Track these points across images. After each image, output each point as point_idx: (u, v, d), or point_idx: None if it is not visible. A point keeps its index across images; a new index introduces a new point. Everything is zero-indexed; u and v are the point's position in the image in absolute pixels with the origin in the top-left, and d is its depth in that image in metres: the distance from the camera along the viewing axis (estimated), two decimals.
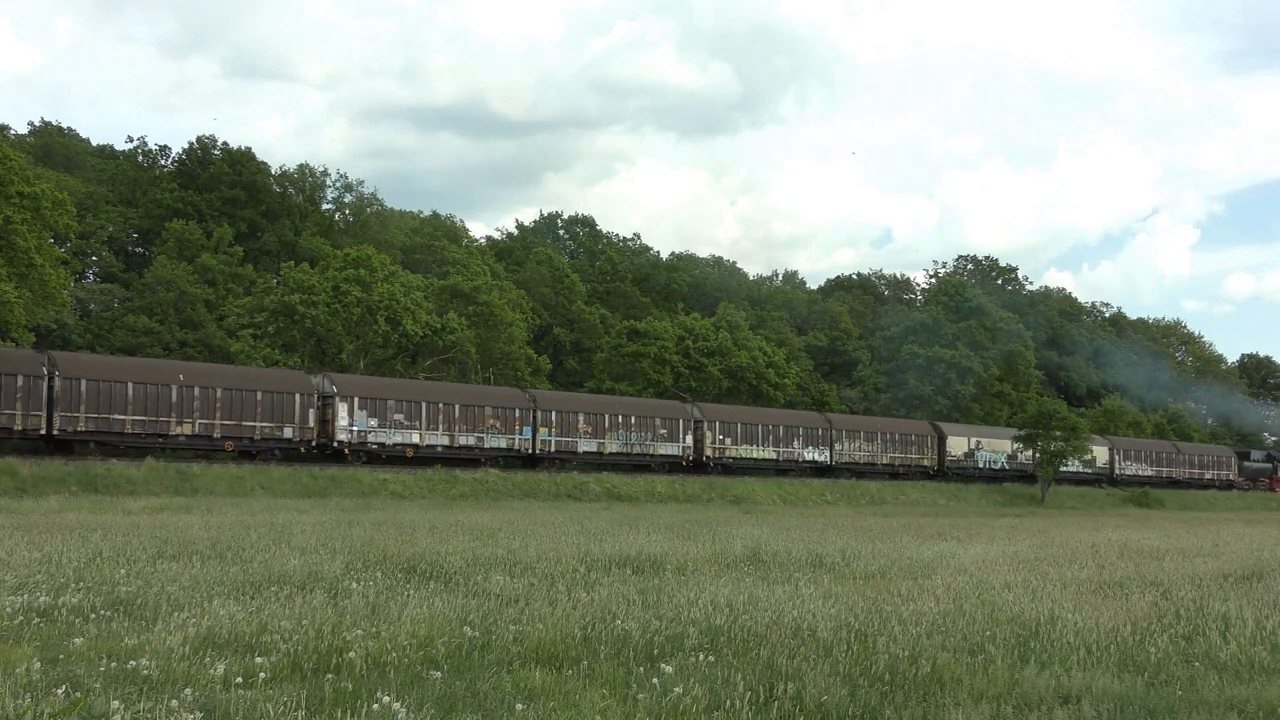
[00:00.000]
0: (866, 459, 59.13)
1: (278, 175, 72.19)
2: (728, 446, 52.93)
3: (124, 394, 37.37)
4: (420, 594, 10.90)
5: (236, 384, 40.28)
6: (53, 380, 36.15)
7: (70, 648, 7.94)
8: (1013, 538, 24.39)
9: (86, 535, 16.41)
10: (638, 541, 18.12)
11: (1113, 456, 71.74)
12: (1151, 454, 75.63)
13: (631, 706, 6.85)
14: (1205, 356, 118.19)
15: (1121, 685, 7.93)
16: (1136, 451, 74.71)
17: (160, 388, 38.31)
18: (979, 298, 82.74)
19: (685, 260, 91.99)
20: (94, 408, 36.75)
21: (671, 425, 51.06)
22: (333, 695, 6.73)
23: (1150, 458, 75.13)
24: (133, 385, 37.62)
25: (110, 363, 40.67)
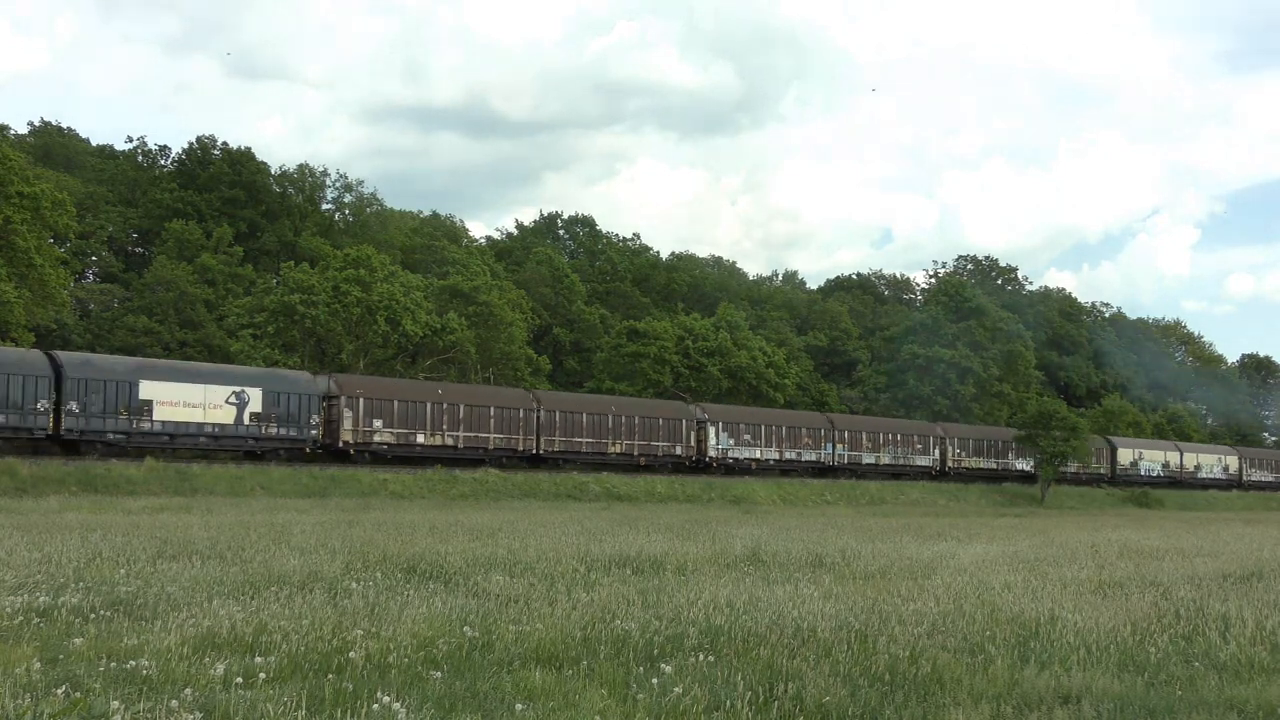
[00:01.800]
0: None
1: (278, 175, 72.21)
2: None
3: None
4: (420, 594, 10.90)
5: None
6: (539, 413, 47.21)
7: (70, 648, 7.93)
8: (1013, 538, 24.40)
9: (86, 535, 16.41)
10: (638, 541, 18.12)
11: (1241, 465, 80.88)
12: (1272, 461, 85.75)
13: (631, 706, 6.85)
14: (1205, 356, 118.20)
15: (1121, 685, 7.93)
16: (1262, 460, 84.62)
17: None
18: (979, 298, 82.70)
19: (685, 260, 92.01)
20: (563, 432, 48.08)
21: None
22: (333, 695, 6.73)
23: (1272, 465, 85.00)
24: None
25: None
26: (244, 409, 39.23)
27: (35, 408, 34.76)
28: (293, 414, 40.26)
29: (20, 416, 34.46)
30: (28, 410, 34.61)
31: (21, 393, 34.47)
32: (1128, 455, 72.05)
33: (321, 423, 41.24)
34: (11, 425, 34.38)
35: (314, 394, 41.19)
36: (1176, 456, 76.25)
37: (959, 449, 63.92)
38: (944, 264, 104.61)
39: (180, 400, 37.81)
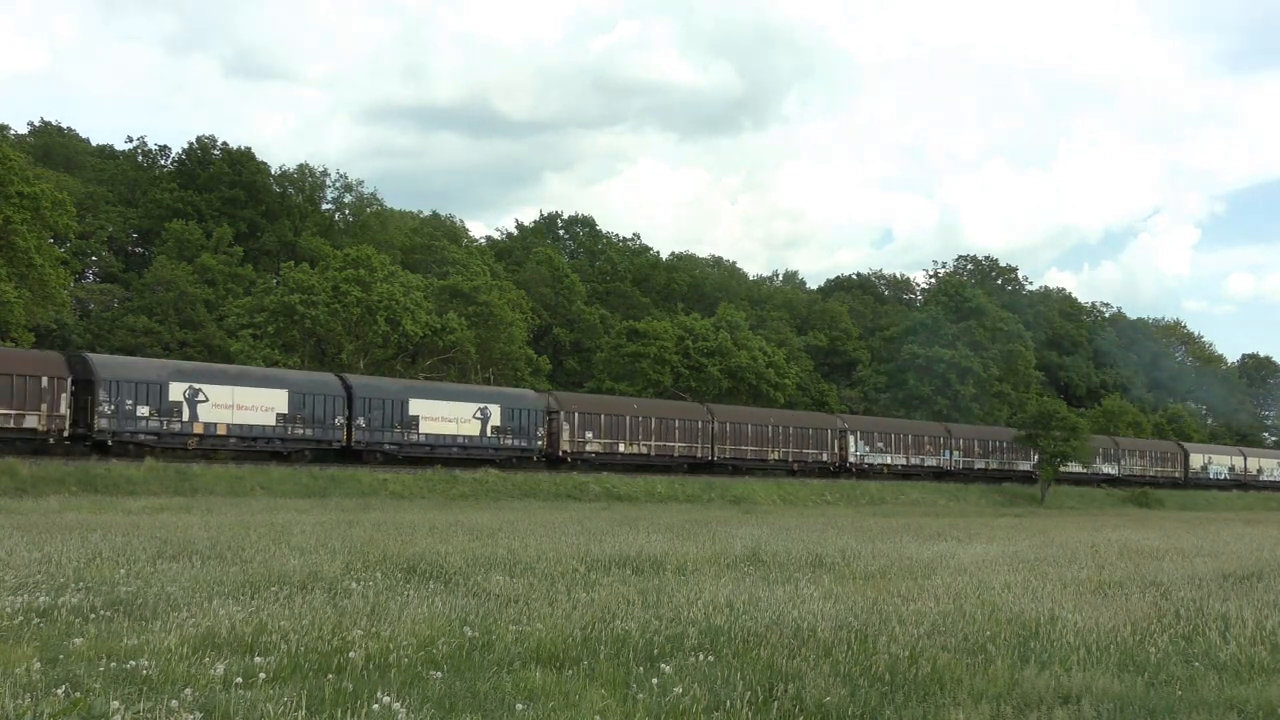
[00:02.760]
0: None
1: (277, 175, 72.21)
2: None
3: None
4: (420, 594, 10.90)
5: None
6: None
7: (70, 648, 7.93)
8: (1013, 538, 24.40)
9: (86, 535, 16.41)
10: (638, 541, 18.12)
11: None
12: None
13: (631, 706, 6.85)
14: (1205, 356, 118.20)
15: (1121, 685, 7.93)
16: None
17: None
18: (979, 298, 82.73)
19: (685, 260, 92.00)
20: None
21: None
22: (333, 695, 6.73)
23: None
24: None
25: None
26: (487, 423, 44.94)
27: (333, 423, 40.93)
28: (524, 427, 45.87)
29: (322, 430, 40.64)
30: (328, 425, 40.75)
31: (324, 410, 40.71)
32: (1199, 460, 77.94)
33: (545, 434, 46.68)
34: (316, 437, 40.52)
35: (539, 410, 46.82)
36: (1241, 461, 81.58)
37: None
38: (944, 264, 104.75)
39: (440, 416, 43.66)
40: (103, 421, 36.19)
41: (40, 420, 34.93)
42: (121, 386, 36.69)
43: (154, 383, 37.46)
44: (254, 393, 39.35)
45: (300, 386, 40.78)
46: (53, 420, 35.21)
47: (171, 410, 37.40)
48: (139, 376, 37.51)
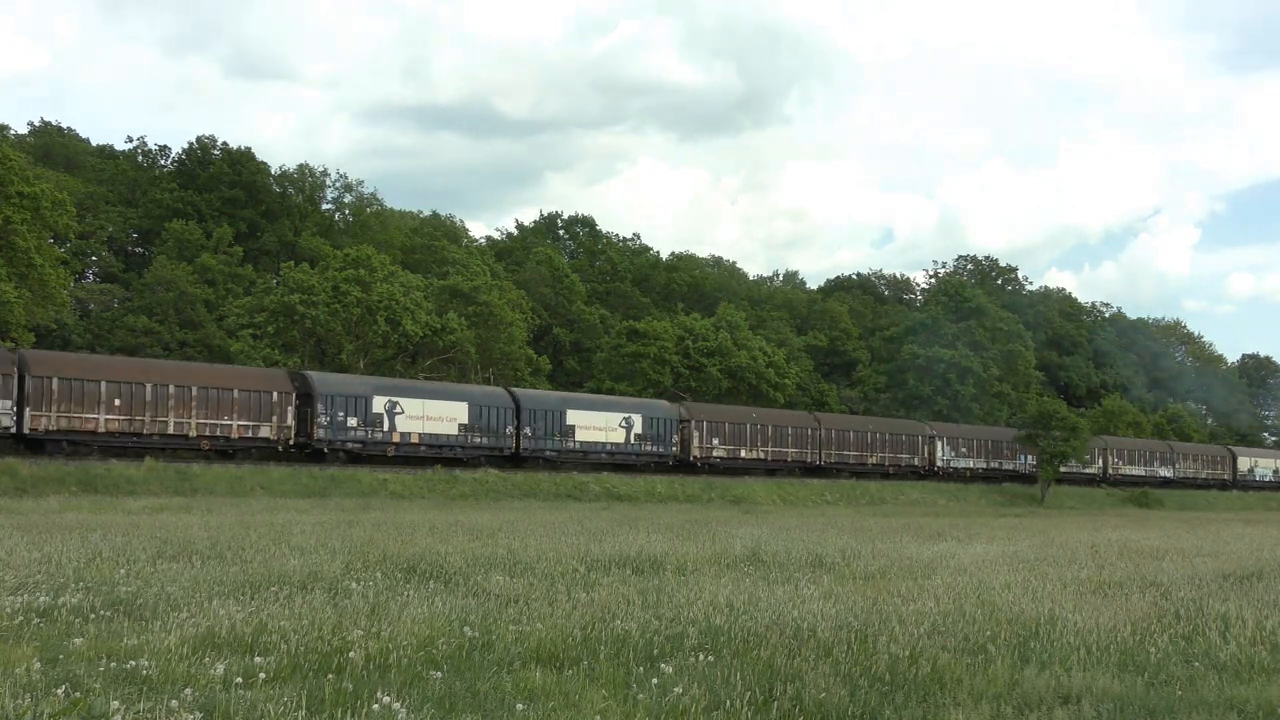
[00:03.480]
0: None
1: (277, 175, 72.21)
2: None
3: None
4: (420, 594, 10.90)
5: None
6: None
7: (70, 648, 7.93)
8: (1013, 538, 24.40)
9: (86, 535, 16.41)
10: (637, 541, 18.12)
11: None
12: None
13: (631, 706, 6.85)
14: (1205, 356, 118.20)
15: (1121, 685, 7.93)
16: None
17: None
18: (979, 298, 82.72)
19: (685, 260, 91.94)
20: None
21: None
22: (333, 695, 6.73)
23: None
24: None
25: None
26: (630, 431, 49.19)
27: (505, 433, 45.31)
28: (661, 435, 50.15)
29: (495, 439, 45.11)
30: (500, 434, 45.18)
31: (497, 421, 45.10)
32: (1246, 463, 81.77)
33: (679, 441, 50.88)
34: (490, 445, 45.03)
35: (673, 419, 51.08)
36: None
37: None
38: (944, 264, 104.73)
39: (592, 425, 47.83)
40: (320, 431, 40.84)
41: (272, 430, 39.84)
42: (335, 400, 41.40)
43: (361, 396, 42.21)
44: (441, 405, 44.03)
45: (478, 400, 45.60)
46: (281, 430, 40.07)
47: (375, 421, 42.09)
48: (349, 391, 42.25)
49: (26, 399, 34.96)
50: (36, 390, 35.19)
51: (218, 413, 38.56)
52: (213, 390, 38.78)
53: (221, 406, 38.70)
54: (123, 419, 36.62)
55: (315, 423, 40.52)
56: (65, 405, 35.71)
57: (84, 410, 35.96)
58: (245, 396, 39.27)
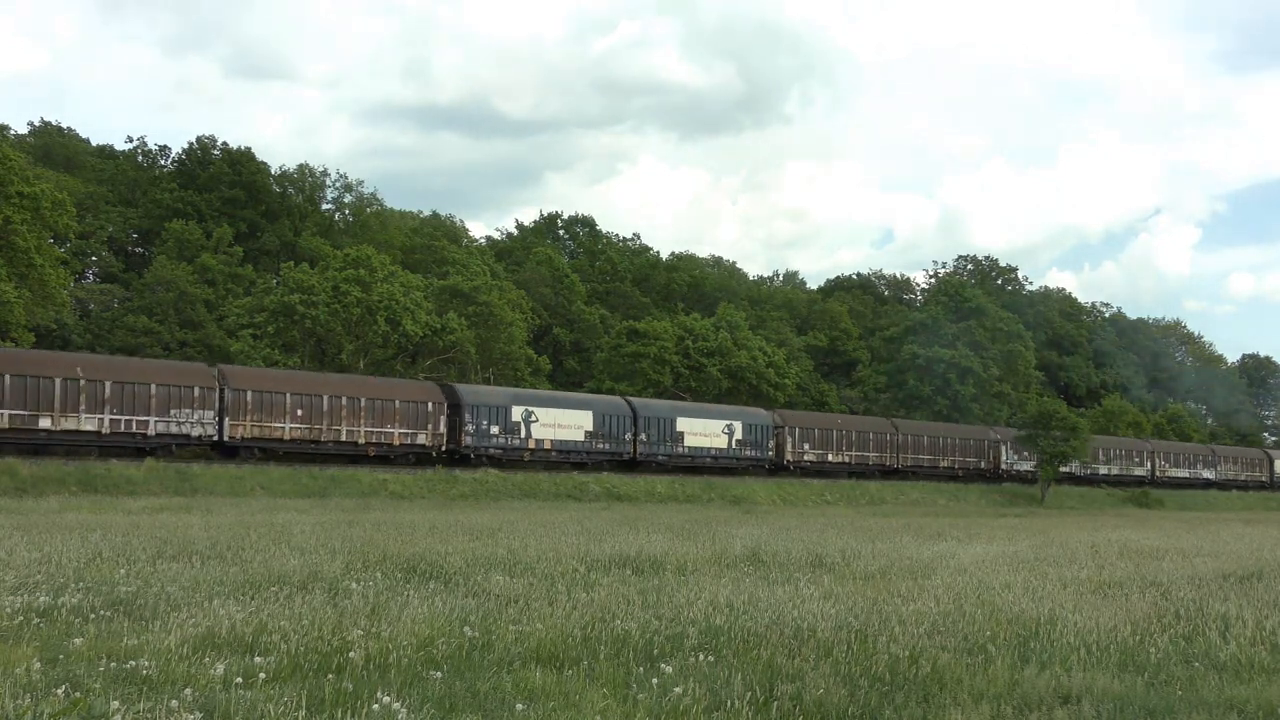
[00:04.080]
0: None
1: (277, 175, 72.20)
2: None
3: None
4: (420, 594, 10.90)
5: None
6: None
7: (70, 648, 7.93)
8: (1013, 538, 24.39)
9: (86, 535, 16.40)
10: (637, 542, 18.11)
11: None
12: None
13: (631, 706, 6.84)
14: (1205, 356, 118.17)
15: (1121, 685, 7.93)
16: None
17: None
18: (979, 298, 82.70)
19: (685, 260, 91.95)
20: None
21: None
22: (333, 695, 6.73)
23: None
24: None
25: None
26: (732, 437, 52.52)
27: (624, 439, 48.97)
28: (759, 440, 53.66)
29: (615, 445, 48.73)
30: (620, 440, 48.82)
31: (618, 428, 48.77)
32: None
33: (774, 446, 54.32)
34: (611, 450, 48.47)
35: (769, 425, 54.65)
36: None
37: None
38: (944, 264, 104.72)
39: (700, 431, 51.44)
40: (468, 439, 44.35)
41: (427, 438, 43.47)
42: (479, 410, 44.92)
43: (501, 407, 45.78)
44: (570, 414, 47.62)
45: (601, 409, 49.15)
46: (435, 438, 43.66)
47: (513, 429, 45.60)
48: (491, 402, 45.84)
49: (226, 410, 38.94)
50: (234, 402, 39.19)
51: (381, 421, 42.60)
52: (378, 401, 42.70)
53: (385, 416, 42.64)
54: (304, 427, 40.65)
55: (463, 431, 44.27)
56: (257, 415, 39.66)
57: (273, 420, 40.01)
58: (405, 407, 43.16)
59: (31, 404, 34.81)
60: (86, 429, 36.02)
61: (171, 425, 37.71)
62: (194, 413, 38.10)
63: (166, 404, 37.63)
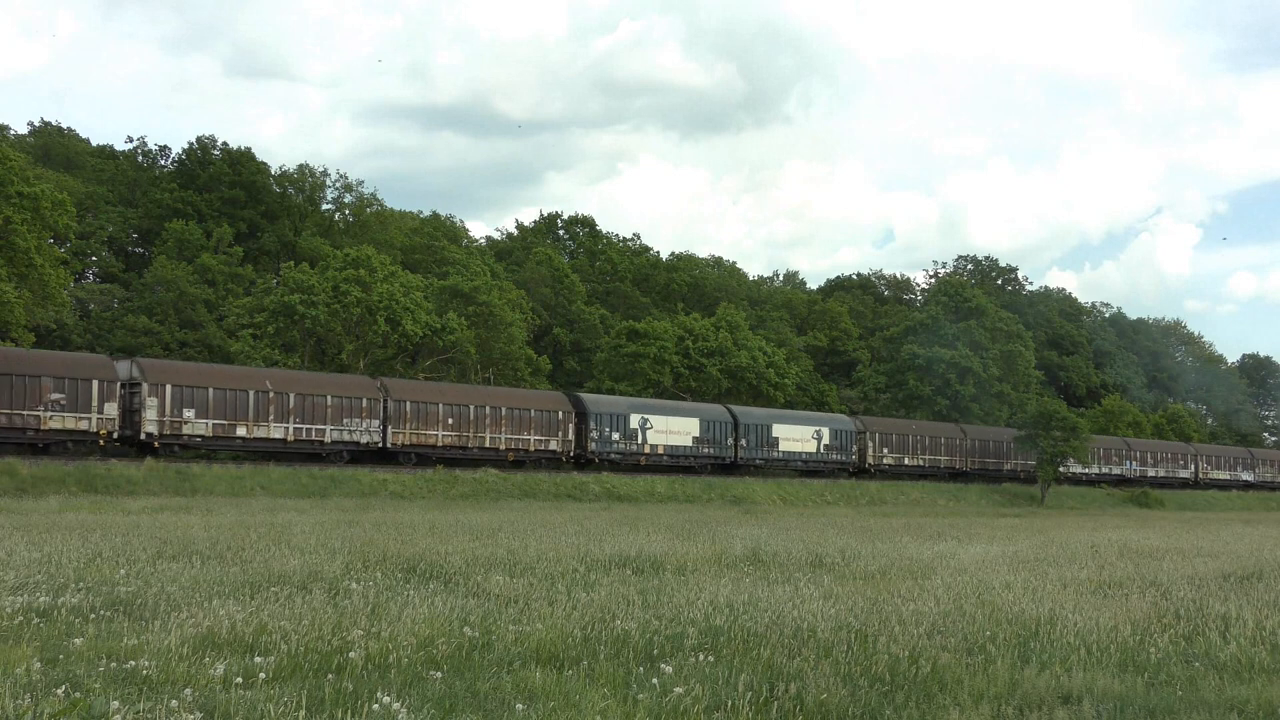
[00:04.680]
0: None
1: (277, 175, 72.21)
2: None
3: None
4: (420, 594, 10.89)
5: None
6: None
7: (70, 648, 7.93)
8: (1013, 538, 24.39)
9: (86, 535, 16.40)
10: (637, 542, 18.11)
11: None
12: None
13: (632, 706, 6.84)
14: (1206, 356, 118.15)
15: (1122, 685, 7.92)
16: None
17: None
18: (979, 298, 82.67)
19: (685, 260, 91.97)
20: None
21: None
22: (333, 695, 6.73)
23: None
24: None
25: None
26: (820, 442, 56.68)
27: (726, 444, 52.69)
28: (843, 445, 57.67)
29: (718, 449, 52.57)
30: (723, 445, 52.65)
31: (720, 434, 52.45)
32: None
33: (856, 450, 58.12)
34: (714, 455, 52.28)
35: (852, 431, 58.49)
36: None
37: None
38: (944, 264, 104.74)
39: (793, 437, 55.40)
40: (592, 445, 48.12)
41: (558, 444, 47.41)
42: (602, 418, 48.85)
43: (621, 415, 49.72)
44: (679, 421, 51.64)
45: (707, 416, 52.93)
46: (565, 444, 47.61)
47: (631, 435, 49.52)
48: (613, 410, 49.83)
49: (389, 419, 42.87)
50: (395, 412, 43.21)
51: (519, 429, 46.70)
52: (516, 411, 46.77)
53: (523, 424, 46.73)
54: (454, 434, 44.75)
55: (589, 437, 48.25)
56: (415, 424, 43.76)
57: (428, 428, 44.08)
58: (539, 416, 47.18)
59: (230, 414, 39.13)
60: (275, 436, 40.45)
61: (344, 433, 42.29)
62: (362, 422, 42.46)
63: (340, 414, 42.07)
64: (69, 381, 36.15)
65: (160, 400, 37.66)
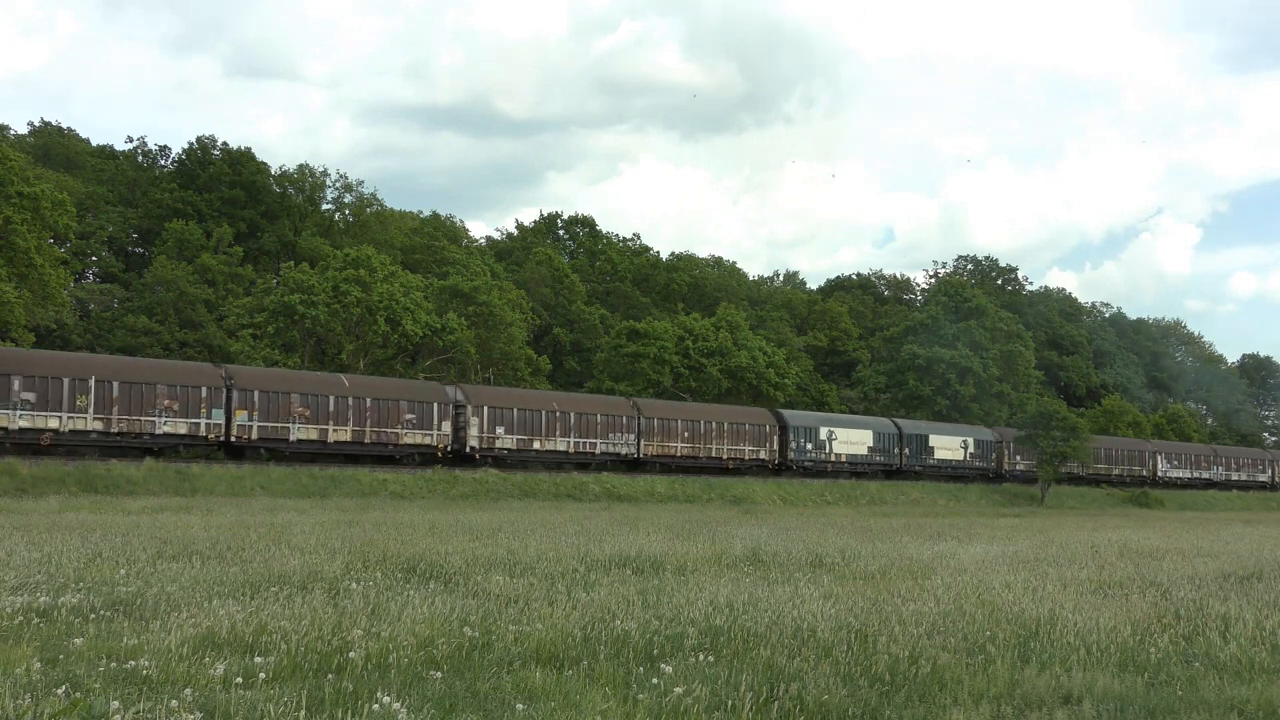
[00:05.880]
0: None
1: (277, 175, 72.21)
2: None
3: None
4: (420, 594, 10.89)
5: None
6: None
7: (70, 648, 7.93)
8: (1013, 538, 24.39)
9: (86, 535, 16.39)
10: (637, 542, 18.10)
11: None
12: None
13: (632, 707, 6.84)
14: (1206, 356, 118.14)
15: (1122, 685, 7.92)
16: None
17: None
18: (979, 298, 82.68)
19: (685, 260, 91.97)
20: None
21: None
22: (333, 695, 6.72)
23: None
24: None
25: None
26: (967, 450, 63.14)
27: (893, 453, 59.74)
28: (985, 454, 63.94)
29: (887, 457, 59.54)
30: (890, 454, 59.58)
31: (888, 444, 59.55)
32: None
33: (996, 458, 64.38)
34: (883, 462, 59.14)
35: (992, 441, 64.68)
36: None
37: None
38: (944, 264, 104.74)
39: (946, 446, 61.96)
40: (791, 454, 55.31)
41: (764, 453, 54.52)
42: (799, 430, 55.93)
43: (814, 427, 57.13)
44: (857, 433, 58.57)
45: (878, 429, 59.82)
46: (770, 453, 54.74)
47: (820, 445, 56.70)
48: (807, 424, 57.13)
49: (641, 434, 49.59)
50: (646, 428, 50.05)
51: (737, 441, 53.50)
52: (730, 424, 53.51)
53: (740, 436, 53.81)
54: (690, 446, 51.78)
55: (789, 447, 55.27)
56: (661, 438, 50.71)
57: (670, 441, 51.11)
58: (752, 428, 54.39)
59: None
60: (559, 449, 46.47)
61: (609, 445, 48.67)
62: (622, 436, 49.04)
63: (606, 429, 48.49)
64: (418, 404, 43.67)
65: (480, 420, 45.07)
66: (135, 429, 37.04)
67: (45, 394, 35.08)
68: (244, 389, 39.47)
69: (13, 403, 34.41)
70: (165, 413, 37.54)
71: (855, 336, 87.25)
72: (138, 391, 37.13)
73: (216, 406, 38.77)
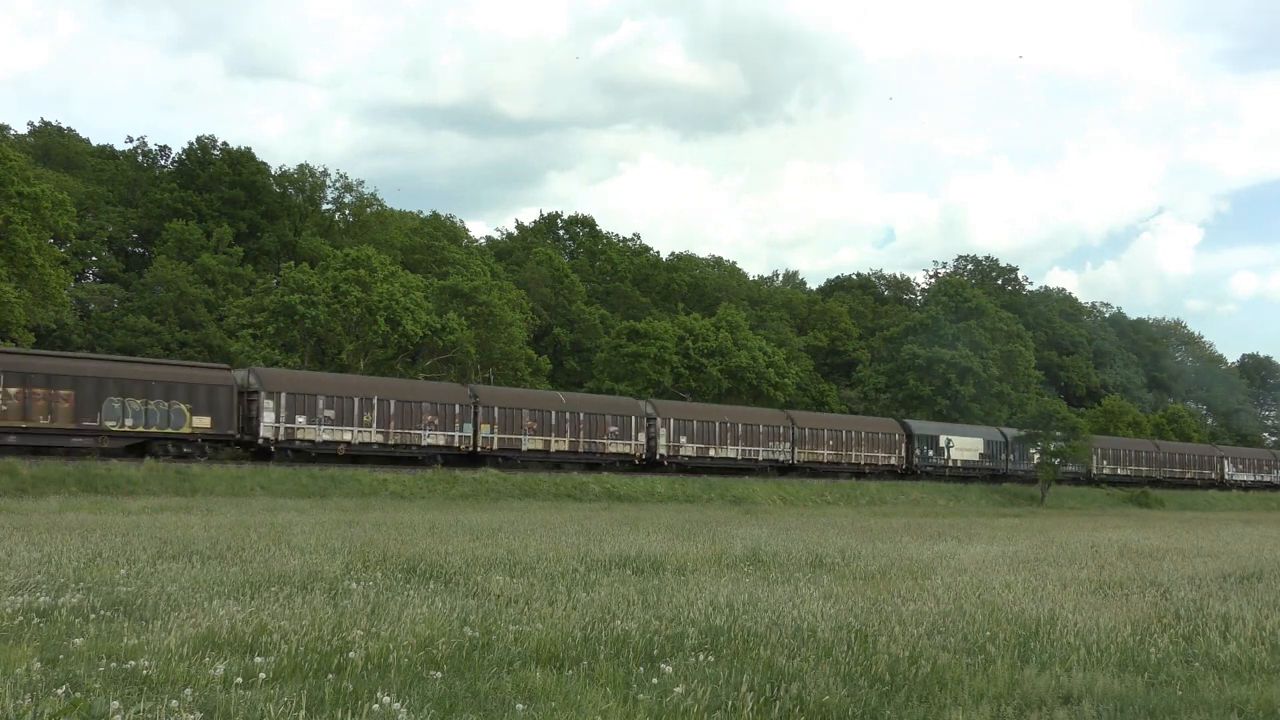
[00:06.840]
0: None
1: (277, 175, 72.20)
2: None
3: None
4: (420, 594, 10.89)
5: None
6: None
7: (70, 648, 7.92)
8: (1013, 538, 24.38)
9: (86, 535, 16.39)
10: (637, 542, 18.09)
11: None
12: None
13: (632, 707, 6.84)
14: (1206, 356, 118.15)
15: (1122, 685, 7.92)
16: None
17: None
18: (979, 298, 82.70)
19: (685, 260, 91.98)
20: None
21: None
22: (333, 695, 6.72)
23: None
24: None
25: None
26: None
27: (1000, 458, 64.23)
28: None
29: (995, 463, 64.05)
30: (998, 459, 64.05)
31: (997, 450, 64.03)
32: None
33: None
34: (991, 466, 63.83)
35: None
36: None
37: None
38: (944, 264, 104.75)
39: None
40: (916, 459, 60.43)
41: (894, 459, 59.57)
42: (923, 439, 61.24)
43: (935, 435, 62.27)
44: (970, 440, 63.80)
45: (987, 436, 65.10)
46: (898, 459, 59.82)
47: (940, 451, 62.01)
48: (930, 432, 62.36)
49: (795, 442, 54.64)
50: (799, 437, 55.08)
51: (858, 448, 58.13)
52: (851, 432, 58.31)
53: (862, 443, 58.40)
54: (834, 453, 56.92)
55: (914, 453, 60.72)
56: (812, 446, 55.88)
57: (819, 449, 56.38)
58: (882, 437, 59.36)
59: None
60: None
61: (759, 453, 53.21)
62: (778, 445, 54.13)
63: (757, 438, 53.48)
64: (620, 418, 48.81)
65: (667, 430, 50.50)
66: (407, 440, 42.54)
67: (341, 411, 41.13)
68: (486, 405, 44.78)
69: (319, 419, 40.64)
70: (428, 427, 43.17)
71: (855, 336, 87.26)
72: (408, 409, 42.68)
73: (466, 421, 44.14)
